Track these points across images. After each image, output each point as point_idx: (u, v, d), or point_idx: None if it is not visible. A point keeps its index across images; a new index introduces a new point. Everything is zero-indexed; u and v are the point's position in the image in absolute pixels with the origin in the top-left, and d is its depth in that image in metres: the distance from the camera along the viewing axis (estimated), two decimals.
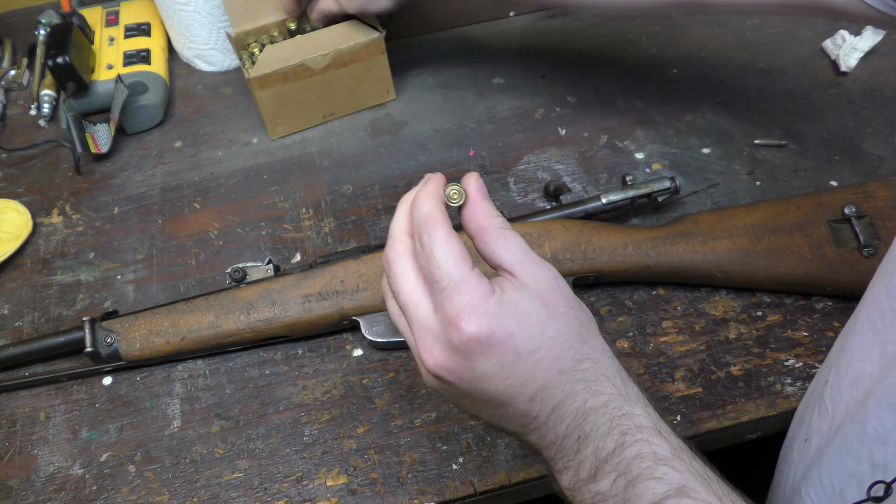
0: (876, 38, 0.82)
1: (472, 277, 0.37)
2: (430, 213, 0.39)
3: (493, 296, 0.37)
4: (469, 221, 0.40)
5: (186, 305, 0.62)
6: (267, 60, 0.75)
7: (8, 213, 0.76)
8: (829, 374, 0.48)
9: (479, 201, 0.40)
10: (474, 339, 0.36)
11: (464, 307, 0.36)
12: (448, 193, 0.41)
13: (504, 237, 0.39)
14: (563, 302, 0.39)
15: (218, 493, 0.56)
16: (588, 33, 0.91)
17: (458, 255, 0.37)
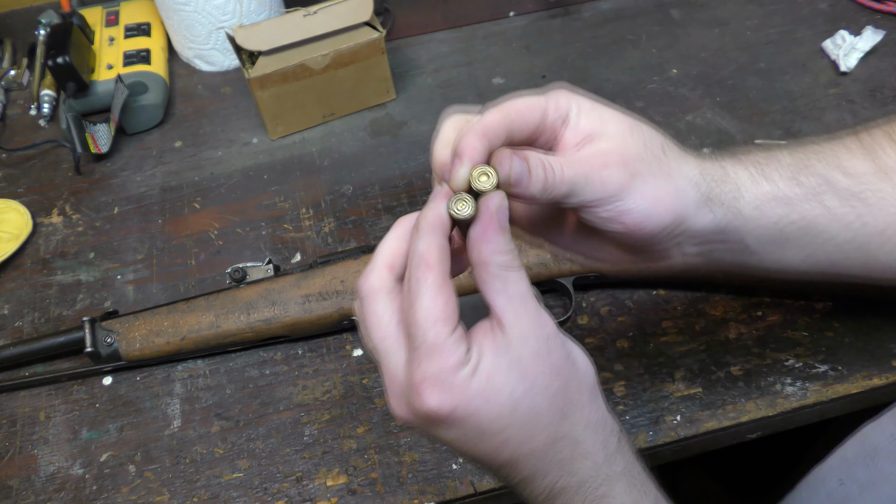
0: (876, 39, 0.82)
1: (447, 344, 0.33)
2: (426, 253, 0.34)
3: (465, 367, 0.34)
4: (472, 248, 0.35)
5: (186, 305, 0.62)
6: (267, 61, 0.75)
7: (8, 213, 0.76)
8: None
9: (489, 230, 0.35)
10: (434, 412, 0.34)
11: (429, 377, 0.33)
12: (454, 206, 0.35)
13: (503, 279, 0.35)
14: (549, 371, 0.35)
15: (218, 493, 0.56)
16: (588, 33, 0.91)
17: (440, 314, 0.34)
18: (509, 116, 0.37)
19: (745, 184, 0.41)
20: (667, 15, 0.92)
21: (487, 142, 0.36)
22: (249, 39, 0.75)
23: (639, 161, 0.38)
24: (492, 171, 0.35)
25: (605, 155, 0.38)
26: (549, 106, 0.39)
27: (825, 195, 0.41)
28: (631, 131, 0.39)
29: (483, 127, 0.36)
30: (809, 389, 0.57)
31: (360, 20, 0.77)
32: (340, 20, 0.76)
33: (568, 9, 0.95)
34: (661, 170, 0.39)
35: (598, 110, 0.40)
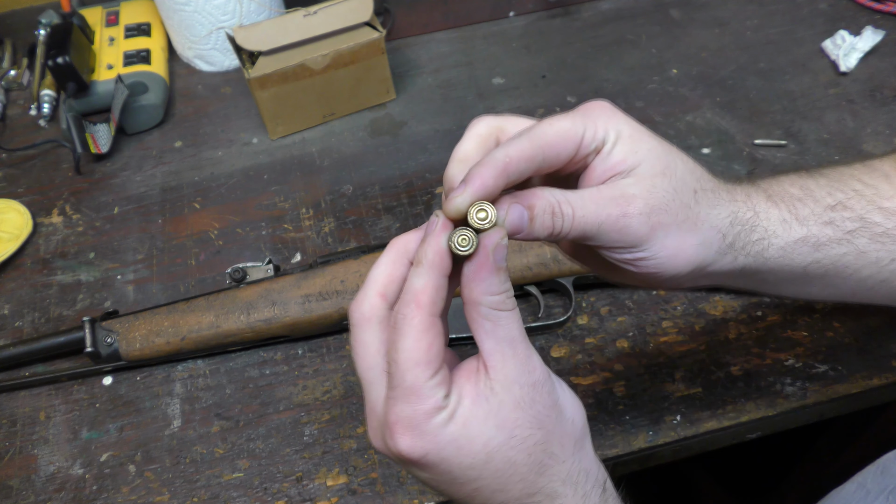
0: (876, 39, 0.82)
1: (424, 389, 0.33)
2: (420, 292, 0.33)
3: (441, 414, 0.33)
4: (464, 285, 0.34)
5: (186, 305, 0.62)
6: (267, 61, 0.75)
7: (8, 213, 0.76)
8: None
9: (483, 269, 0.33)
10: (405, 455, 0.33)
11: (402, 420, 0.33)
12: (456, 241, 0.34)
13: (493, 321, 0.34)
14: (530, 422, 0.34)
15: (218, 493, 0.56)
16: (588, 33, 0.91)
17: (422, 357, 0.33)
18: (541, 150, 0.35)
19: (776, 230, 0.39)
20: (667, 15, 0.92)
21: (506, 178, 0.34)
22: (249, 39, 0.75)
23: (664, 212, 0.36)
24: (492, 208, 0.34)
25: (629, 201, 0.36)
26: (586, 134, 0.37)
27: (859, 237, 0.40)
28: (664, 173, 0.37)
29: (506, 161, 0.34)
30: (809, 389, 0.57)
31: (360, 20, 0.77)
32: (340, 20, 0.77)
33: (568, 9, 0.95)
34: (688, 220, 0.37)
35: (636, 141, 0.37)
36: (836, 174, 0.42)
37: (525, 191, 0.35)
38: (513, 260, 0.61)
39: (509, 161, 0.34)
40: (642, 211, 0.35)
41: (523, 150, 0.34)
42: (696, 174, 0.38)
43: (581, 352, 0.61)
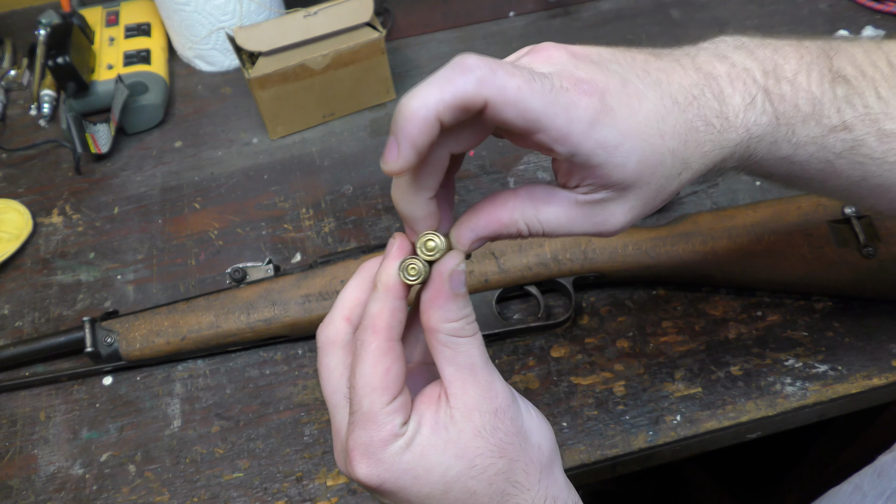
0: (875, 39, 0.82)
1: (381, 416, 0.32)
2: (375, 317, 0.33)
3: (397, 442, 0.32)
4: (422, 312, 0.34)
5: (186, 305, 0.62)
6: (267, 61, 0.75)
7: (8, 213, 0.76)
8: None
9: (439, 297, 0.33)
10: (363, 482, 0.33)
11: (359, 446, 0.32)
12: (405, 271, 0.33)
13: (452, 348, 0.33)
14: (491, 451, 0.33)
15: (218, 493, 0.56)
16: (588, 33, 0.91)
17: (378, 383, 0.32)
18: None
19: (762, 153, 0.37)
20: (667, 15, 0.92)
21: (436, 128, 0.30)
22: (250, 40, 0.75)
23: (641, 211, 0.35)
24: (440, 238, 0.33)
25: (606, 223, 0.35)
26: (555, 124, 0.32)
27: (841, 159, 0.38)
28: (649, 182, 0.34)
29: (434, 110, 0.30)
30: (809, 389, 0.57)
31: (360, 21, 0.77)
32: (341, 21, 0.77)
33: (568, 9, 0.95)
34: (668, 195, 0.36)
35: (626, 152, 0.33)
36: (861, 72, 0.38)
37: (483, 212, 0.34)
38: (512, 260, 0.61)
39: (440, 109, 0.30)
40: (619, 227, 0.35)
41: (455, 97, 0.30)
42: (684, 151, 0.35)
43: (581, 352, 0.61)
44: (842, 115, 0.37)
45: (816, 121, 0.36)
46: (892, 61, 0.38)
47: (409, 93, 0.30)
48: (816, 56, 0.37)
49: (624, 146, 0.32)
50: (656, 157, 0.33)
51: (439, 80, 0.30)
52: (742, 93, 0.35)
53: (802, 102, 0.36)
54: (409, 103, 0.30)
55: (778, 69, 0.36)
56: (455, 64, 0.30)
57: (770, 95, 0.36)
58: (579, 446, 0.55)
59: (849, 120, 0.37)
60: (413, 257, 0.33)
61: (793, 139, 0.37)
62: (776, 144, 0.37)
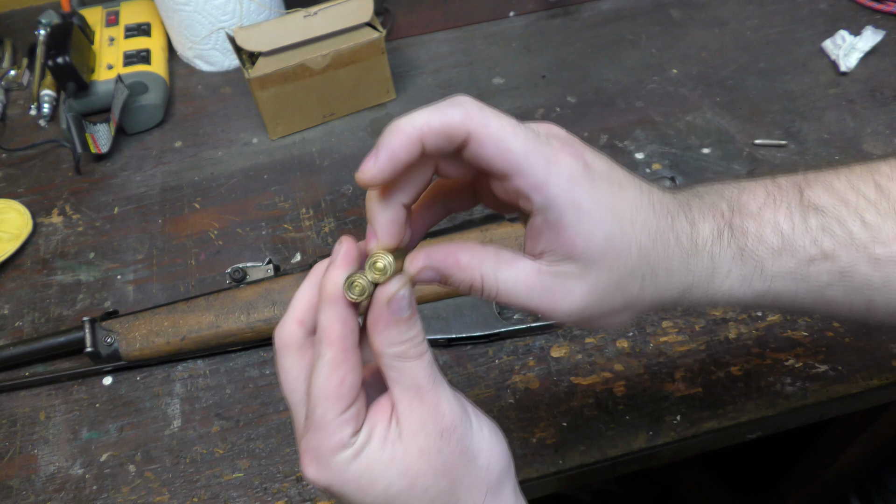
0: (876, 39, 0.82)
1: (332, 425, 0.33)
2: (327, 328, 0.33)
3: (345, 451, 0.33)
4: (368, 333, 0.34)
5: (186, 305, 0.62)
6: (267, 61, 0.75)
7: (8, 213, 0.76)
8: None
9: (380, 322, 0.33)
10: (312, 481, 0.34)
11: (310, 450, 0.33)
12: (350, 284, 0.33)
13: (398, 370, 0.33)
14: (435, 471, 0.33)
15: (218, 493, 0.56)
16: (588, 33, 0.91)
17: (332, 392, 0.33)
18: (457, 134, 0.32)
19: (730, 288, 0.37)
20: (667, 15, 0.92)
21: (418, 148, 0.31)
22: (250, 40, 0.75)
23: (598, 306, 0.34)
24: (390, 260, 0.33)
25: (564, 298, 0.33)
26: (531, 174, 0.32)
27: (832, 290, 0.37)
28: (612, 267, 0.34)
29: (419, 130, 0.31)
30: (809, 389, 0.57)
31: (360, 21, 0.77)
32: (341, 21, 0.77)
33: (568, 9, 0.95)
34: (624, 307, 0.35)
35: (594, 221, 0.33)
36: (841, 201, 0.37)
37: (446, 247, 0.34)
38: None
39: (424, 131, 0.31)
40: (574, 311, 0.34)
41: (441, 123, 0.32)
42: (652, 253, 0.35)
43: (581, 352, 0.61)
44: (819, 246, 0.36)
45: (790, 253, 0.36)
46: (880, 184, 0.37)
47: (404, 116, 0.32)
48: (787, 190, 0.37)
49: (595, 215, 0.32)
50: (624, 242, 0.33)
51: (430, 109, 0.32)
52: (711, 225, 0.36)
53: (769, 236, 0.36)
54: (397, 122, 0.31)
55: (743, 206, 0.37)
56: (449, 99, 0.32)
57: (734, 230, 0.36)
58: (579, 446, 0.55)
59: (828, 249, 0.36)
60: (360, 274, 0.33)
61: (765, 274, 0.36)
62: (746, 280, 0.36)
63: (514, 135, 0.32)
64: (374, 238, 0.34)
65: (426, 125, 0.31)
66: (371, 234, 0.34)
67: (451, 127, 0.31)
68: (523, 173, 0.31)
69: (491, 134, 0.31)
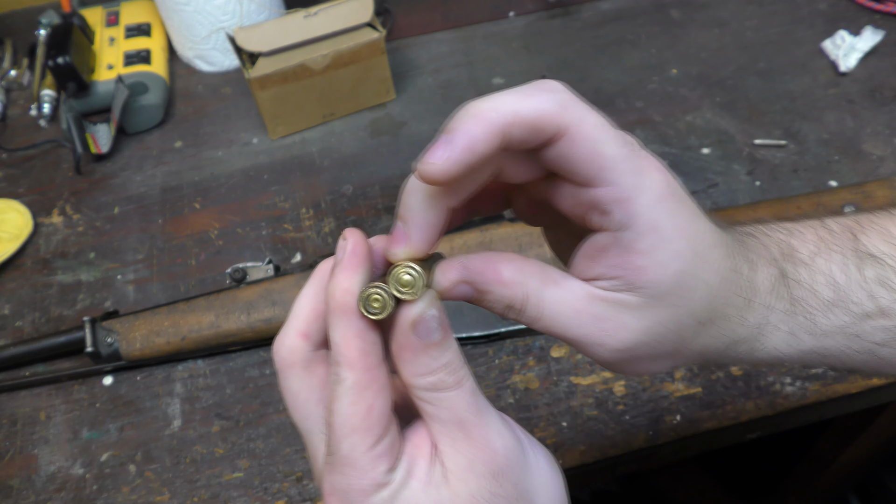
0: (875, 39, 0.82)
1: (362, 462, 0.27)
2: (342, 346, 0.28)
3: (382, 492, 0.27)
4: (394, 360, 0.29)
5: (187, 305, 0.62)
6: (267, 61, 0.75)
7: (8, 213, 0.76)
8: None
9: (405, 350, 0.28)
10: None
11: (337, 493, 0.28)
12: (367, 298, 0.27)
13: (435, 403, 0.28)
14: None
15: (218, 493, 0.56)
16: (588, 33, 0.91)
17: (359, 423, 0.27)
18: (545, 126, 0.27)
19: (777, 344, 0.32)
20: (666, 15, 0.92)
21: (501, 140, 0.26)
22: (250, 40, 0.75)
23: (647, 349, 0.30)
24: (420, 274, 0.27)
25: (615, 333, 0.29)
26: (614, 181, 0.28)
27: (886, 348, 0.33)
28: (677, 304, 0.29)
29: (507, 117, 0.26)
30: (809, 389, 0.57)
31: (360, 21, 0.77)
32: (341, 21, 0.77)
33: (568, 9, 0.95)
34: (675, 353, 0.31)
35: (667, 243, 0.28)
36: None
37: (484, 258, 0.29)
38: None
39: (510, 120, 0.26)
40: (621, 349, 0.29)
41: (533, 113, 0.26)
42: (717, 298, 0.30)
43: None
44: (876, 301, 0.32)
45: (843, 308, 0.32)
46: None
47: (480, 98, 0.26)
48: (840, 236, 0.33)
49: (674, 244, 0.28)
50: (695, 279, 0.29)
51: (517, 93, 0.27)
52: (766, 272, 0.32)
53: (822, 288, 0.32)
54: (479, 104, 0.26)
55: (794, 252, 0.32)
56: (537, 83, 0.27)
57: (787, 279, 0.32)
58: (579, 446, 0.55)
59: (885, 305, 0.32)
60: (377, 286, 0.27)
61: (815, 330, 0.32)
62: (794, 336, 0.32)
63: (610, 137, 0.27)
64: (405, 242, 0.29)
65: (514, 113, 0.26)
66: (401, 235, 0.29)
67: (544, 118, 0.26)
68: (611, 183, 0.27)
69: (586, 133, 0.27)
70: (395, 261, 0.28)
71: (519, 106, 0.26)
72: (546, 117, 0.26)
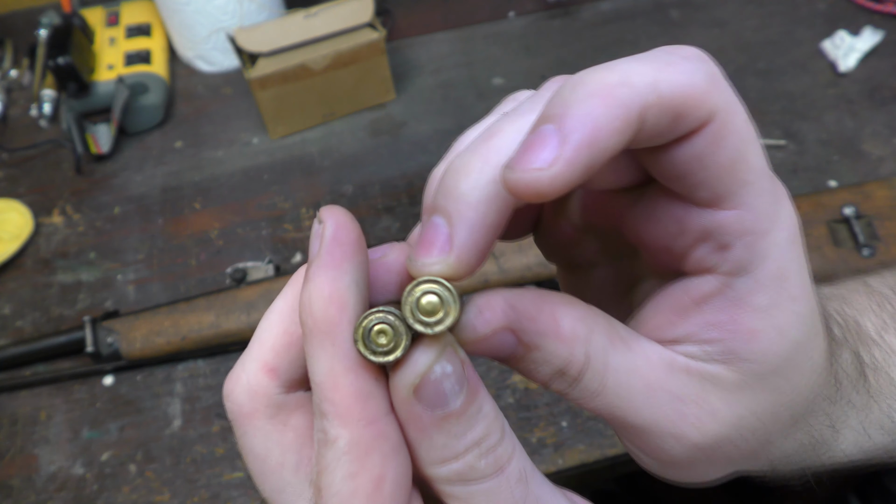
0: (875, 39, 0.82)
1: None
2: (330, 387, 0.19)
3: None
4: (406, 437, 0.20)
5: (187, 305, 0.62)
6: (267, 61, 0.76)
7: (9, 213, 0.76)
8: None
9: (411, 424, 0.19)
10: None
11: None
12: (369, 331, 0.19)
13: (464, 499, 0.19)
14: None
15: (218, 493, 0.56)
16: (588, 33, 0.91)
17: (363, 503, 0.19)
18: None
19: (845, 448, 0.26)
20: (666, 15, 0.92)
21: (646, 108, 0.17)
22: (250, 41, 0.75)
23: (731, 447, 0.21)
24: (454, 296, 0.18)
25: (697, 423, 0.21)
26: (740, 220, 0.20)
27: None
28: (779, 388, 0.21)
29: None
30: None
31: (360, 21, 0.77)
32: (341, 21, 0.77)
33: (567, 9, 0.95)
34: (753, 455, 0.23)
35: (789, 303, 0.20)
36: None
37: (533, 296, 0.20)
38: (512, 260, 0.61)
39: (650, 101, 0.17)
40: (703, 444, 0.21)
41: (679, 88, 0.18)
42: (818, 386, 0.23)
43: None
44: None
45: None
46: None
47: (595, 68, 0.18)
48: (894, 299, 0.27)
49: (798, 305, 0.20)
50: (807, 359, 0.21)
51: (650, 60, 0.18)
52: (846, 355, 0.25)
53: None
54: (598, 76, 0.17)
55: (861, 328, 0.26)
56: (673, 47, 0.19)
57: (863, 364, 0.25)
58: (579, 446, 0.55)
59: None
60: (384, 310, 0.19)
61: (890, 425, 0.26)
62: (865, 435, 0.26)
63: (756, 140, 0.20)
64: (444, 248, 0.19)
65: (653, 90, 0.17)
66: (437, 237, 0.19)
67: (693, 98, 0.18)
68: (746, 206, 0.19)
69: (738, 128, 0.19)
70: (420, 274, 0.19)
71: (659, 78, 0.17)
72: (695, 98, 0.18)
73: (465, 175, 0.19)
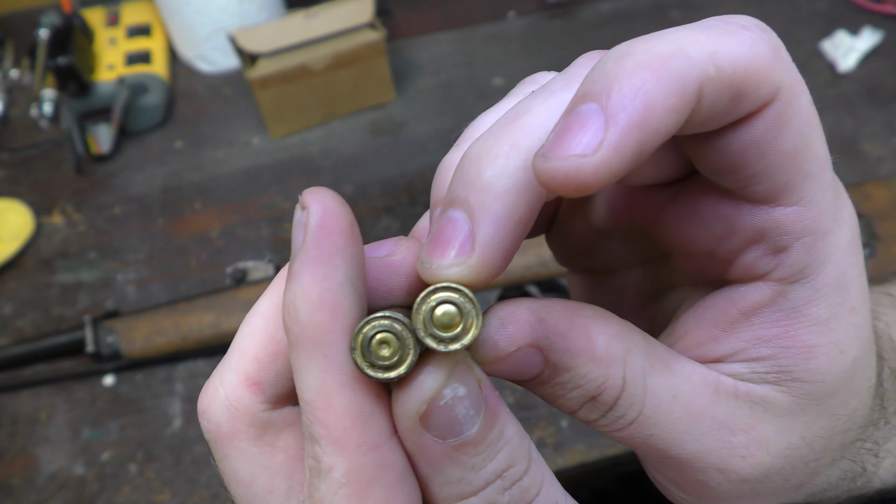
0: (874, 39, 0.82)
1: None
2: (320, 406, 0.16)
3: None
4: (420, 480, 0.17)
5: (187, 305, 0.62)
6: (268, 61, 0.76)
7: (9, 213, 0.77)
8: None
9: (420, 455, 0.17)
10: None
11: None
12: (368, 340, 0.16)
13: None
14: None
15: (219, 492, 0.56)
16: (587, 34, 0.91)
17: None
18: None
19: (883, 476, 0.23)
20: (666, 16, 0.92)
21: None
22: (250, 41, 0.75)
23: (778, 479, 0.19)
24: (475, 307, 0.16)
25: (745, 454, 0.18)
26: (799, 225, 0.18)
27: None
28: (834, 412, 0.19)
29: None
30: None
31: (360, 21, 0.77)
32: (341, 21, 0.77)
33: (567, 9, 0.95)
34: (796, 488, 0.20)
35: (848, 315, 0.18)
36: None
37: (563, 308, 0.17)
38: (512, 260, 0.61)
39: (710, 74, 0.15)
40: (751, 478, 0.19)
41: (744, 60, 0.15)
42: (867, 408, 0.20)
43: None
44: None
45: None
46: None
47: (642, 38, 0.15)
48: None
49: (858, 317, 0.18)
50: (864, 376, 0.19)
51: (705, 28, 0.15)
52: (886, 374, 0.22)
53: None
54: (647, 45, 0.15)
55: (893, 343, 0.23)
56: (727, 15, 0.16)
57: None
58: (579, 446, 0.55)
59: None
60: (387, 316, 0.16)
61: None
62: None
63: (819, 125, 0.18)
64: (465, 248, 0.16)
65: (712, 61, 0.15)
66: (456, 234, 0.16)
67: (757, 72, 0.15)
68: (808, 202, 0.17)
69: (803, 109, 0.17)
70: (435, 279, 0.16)
71: (718, 48, 0.15)
72: (759, 72, 0.15)
73: (491, 161, 0.16)
